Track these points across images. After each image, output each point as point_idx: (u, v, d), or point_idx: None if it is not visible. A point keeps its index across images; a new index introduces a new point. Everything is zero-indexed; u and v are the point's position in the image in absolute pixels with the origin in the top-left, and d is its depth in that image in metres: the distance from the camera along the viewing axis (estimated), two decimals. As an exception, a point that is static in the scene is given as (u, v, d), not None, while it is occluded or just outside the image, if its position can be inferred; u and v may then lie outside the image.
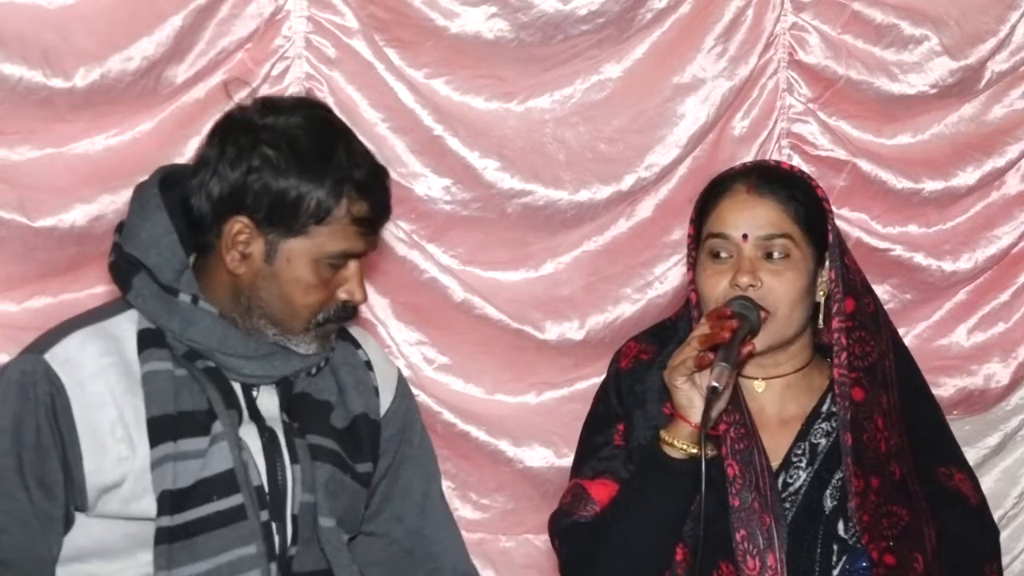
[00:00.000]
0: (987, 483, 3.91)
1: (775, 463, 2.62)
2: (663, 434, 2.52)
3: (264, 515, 2.42)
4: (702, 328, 2.50)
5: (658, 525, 2.52)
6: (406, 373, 3.41)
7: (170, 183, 2.49)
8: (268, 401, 2.50)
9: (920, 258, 3.82)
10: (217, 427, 2.40)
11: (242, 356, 2.44)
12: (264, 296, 2.43)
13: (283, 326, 2.44)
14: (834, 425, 2.64)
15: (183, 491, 2.37)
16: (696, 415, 2.49)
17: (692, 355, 2.48)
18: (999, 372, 3.90)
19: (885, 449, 2.60)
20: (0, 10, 3.08)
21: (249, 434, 2.44)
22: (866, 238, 3.77)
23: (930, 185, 3.81)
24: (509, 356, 3.55)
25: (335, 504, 2.51)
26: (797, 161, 3.71)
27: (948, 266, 3.84)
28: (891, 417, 2.63)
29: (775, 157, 3.68)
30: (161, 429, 2.37)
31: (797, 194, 2.64)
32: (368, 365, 2.65)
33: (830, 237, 2.65)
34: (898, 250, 3.80)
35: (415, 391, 3.38)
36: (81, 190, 3.14)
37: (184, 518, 2.37)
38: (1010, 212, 3.89)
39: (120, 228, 2.50)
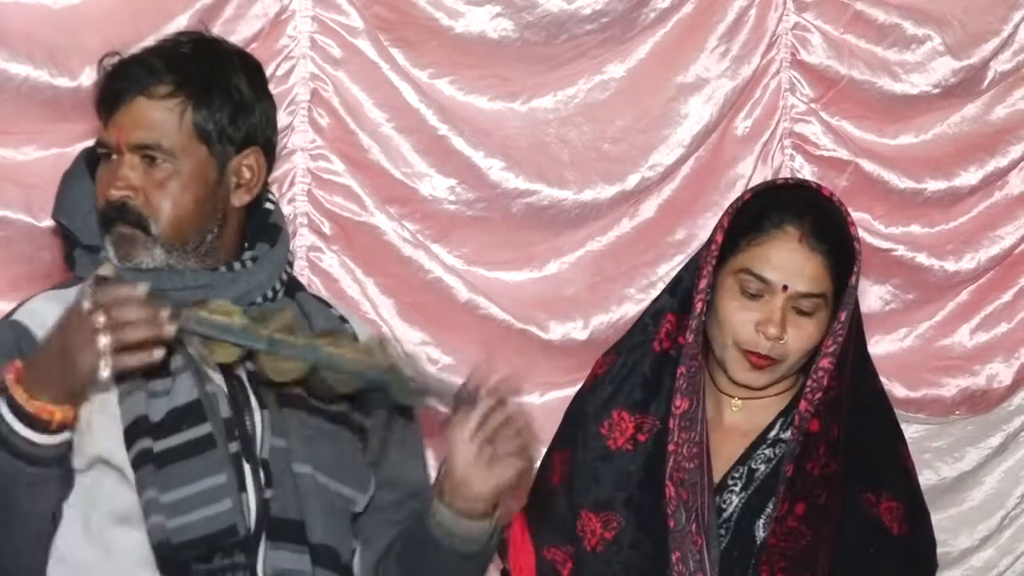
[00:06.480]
0: (989, 483, 3.92)
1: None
2: None
3: (234, 446, 2.42)
4: None
5: None
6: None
7: (95, 161, 2.55)
8: None
9: (923, 258, 3.80)
10: (177, 361, 2.39)
11: (180, 289, 2.45)
12: None
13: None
14: (777, 452, 2.61)
15: (154, 424, 2.37)
16: None
17: None
18: (1002, 372, 3.89)
19: (819, 474, 2.56)
20: (5, 9, 3.08)
21: (214, 379, 2.45)
22: (868, 238, 3.74)
23: (933, 185, 3.80)
24: (513, 356, 3.54)
25: (313, 450, 2.48)
26: (800, 162, 3.71)
27: (951, 266, 3.83)
28: (834, 445, 2.59)
29: (777, 157, 3.68)
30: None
31: (843, 243, 2.61)
32: (342, 319, 2.66)
33: (852, 280, 2.62)
34: (900, 250, 3.79)
35: (420, 391, 3.39)
36: (87, 190, 3.13)
37: (156, 448, 2.37)
38: (1013, 212, 3.88)
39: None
